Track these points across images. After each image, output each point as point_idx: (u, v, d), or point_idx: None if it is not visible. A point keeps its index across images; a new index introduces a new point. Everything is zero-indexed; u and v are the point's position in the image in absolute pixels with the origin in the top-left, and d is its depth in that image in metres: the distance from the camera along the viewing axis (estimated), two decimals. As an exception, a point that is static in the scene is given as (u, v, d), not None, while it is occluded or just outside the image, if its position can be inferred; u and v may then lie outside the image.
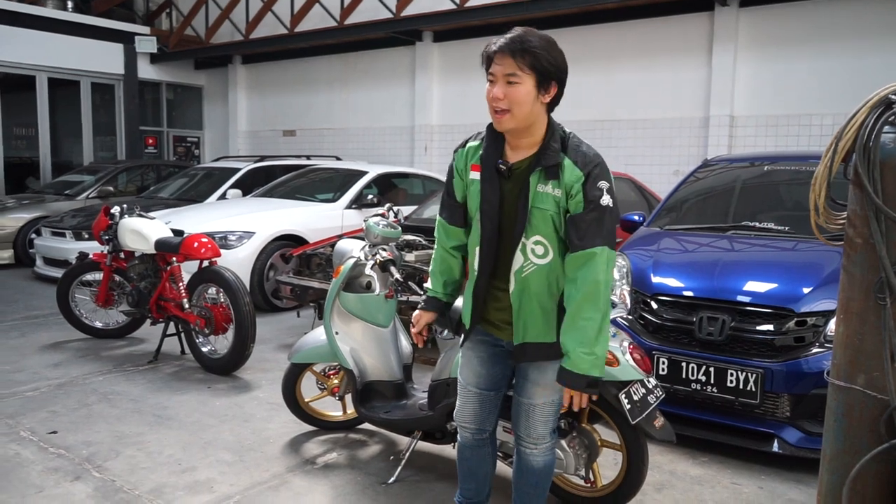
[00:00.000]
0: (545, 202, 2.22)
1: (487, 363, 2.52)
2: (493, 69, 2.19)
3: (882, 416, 2.12)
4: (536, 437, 2.50)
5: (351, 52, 12.78)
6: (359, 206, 7.77)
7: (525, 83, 2.15)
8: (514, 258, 2.29)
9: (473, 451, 2.66)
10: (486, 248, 2.31)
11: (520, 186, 2.26)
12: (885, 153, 2.06)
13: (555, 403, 2.48)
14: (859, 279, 2.16)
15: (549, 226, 2.24)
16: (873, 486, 2.17)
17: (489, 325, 2.47)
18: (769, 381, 3.46)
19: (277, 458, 3.63)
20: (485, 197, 2.29)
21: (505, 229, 2.30)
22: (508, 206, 2.28)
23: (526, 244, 2.27)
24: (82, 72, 13.56)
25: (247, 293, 4.96)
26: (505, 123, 2.20)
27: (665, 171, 9.41)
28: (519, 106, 2.16)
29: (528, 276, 2.28)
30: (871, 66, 7.96)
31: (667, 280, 3.99)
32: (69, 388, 4.69)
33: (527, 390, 2.46)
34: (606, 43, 9.91)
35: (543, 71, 2.16)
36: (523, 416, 2.49)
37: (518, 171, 2.28)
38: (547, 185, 2.22)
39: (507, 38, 2.16)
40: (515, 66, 2.14)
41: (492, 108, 2.19)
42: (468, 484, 2.73)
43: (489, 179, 2.29)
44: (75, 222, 8.39)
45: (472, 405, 2.58)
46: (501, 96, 2.15)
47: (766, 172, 5.11)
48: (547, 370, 2.39)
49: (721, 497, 3.26)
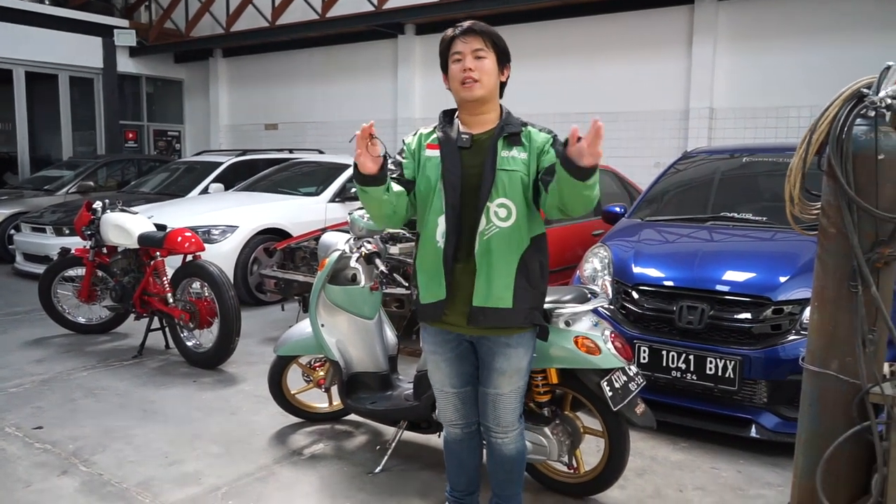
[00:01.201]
0: (512, 164, 2.36)
1: (455, 363, 2.56)
2: (458, 48, 2.37)
3: (854, 400, 2.19)
4: (506, 425, 2.56)
5: (333, 46, 12.75)
6: (342, 199, 7.77)
7: (490, 58, 2.37)
8: (479, 222, 2.36)
9: (463, 444, 2.71)
10: (451, 214, 2.37)
11: (483, 154, 2.38)
12: (857, 145, 2.13)
13: (520, 390, 2.54)
14: (833, 268, 2.23)
15: (516, 186, 2.35)
16: (846, 467, 2.24)
17: (443, 322, 2.48)
18: (747, 367, 3.54)
19: (264, 450, 3.66)
20: (446, 167, 2.39)
21: (467, 195, 2.38)
22: (470, 174, 2.38)
23: (490, 207, 2.35)
24: (60, 65, 13.41)
25: (231, 287, 4.97)
26: (476, 91, 2.34)
27: (646, 163, 9.49)
28: (488, 76, 2.36)
29: (490, 239, 2.36)
30: (848, 59, 8.08)
31: (647, 270, 4.06)
32: (53, 383, 4.68)
33: (493, 380, 2.51)
34: (587, 36, 9.97)
35: (502, 50, 2.42)
36: (490, 406, 2.55)
37: (479, 141, 2.41)
38: (512, 150, 2.38)
39: (468, 23, 2.39)
40: (482, 43, 2.36)
41: (462, 80, 2.34)
42: (459, 477, 2.77)
43: (449, 152, 2.40)
44: (56, 218, 8.32)
45: (453, 403, 2.63)
46: (473, 67, 2.34)
47: (745, 164, 5.19)
48: (511, 357, 2.46)
49: (701, 481, 3.34)
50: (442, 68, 2.46)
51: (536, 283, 2.44)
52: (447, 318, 2.47)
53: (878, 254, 2.13)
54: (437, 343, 2.56)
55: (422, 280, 2.49)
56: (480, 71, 2.33)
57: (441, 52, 2.44)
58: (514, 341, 2.45)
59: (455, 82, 2.37)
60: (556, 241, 5.84)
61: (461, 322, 2.45)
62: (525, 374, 2.53)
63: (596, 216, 6.27)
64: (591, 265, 4.34)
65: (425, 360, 3.22)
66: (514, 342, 2.46)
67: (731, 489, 3.26)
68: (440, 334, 2.54)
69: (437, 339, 2.55)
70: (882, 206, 2.10)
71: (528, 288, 2.40)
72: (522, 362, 2.49)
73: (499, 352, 2.46)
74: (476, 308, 2.38)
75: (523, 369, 2.51)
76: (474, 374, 2.59)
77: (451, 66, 2.39)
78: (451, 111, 2.51)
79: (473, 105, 2.39)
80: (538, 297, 2.47)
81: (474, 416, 2.66)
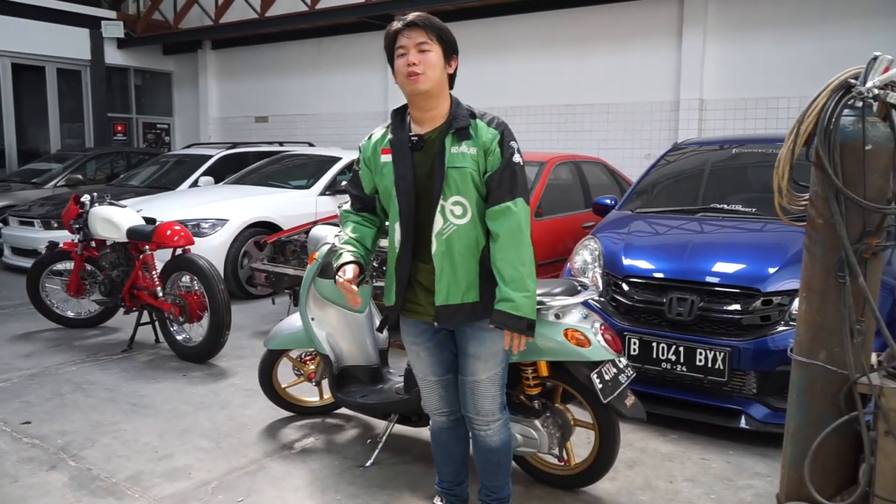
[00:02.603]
0: (462, 161, 2.35)
1: (434, 351, 2.58)
2: (402, 42, 2.34)
3: (842, 391, 2.20)
4: (485, 412, 2.56)
5: (323, 38, 12.68)
6: (333, 192, 7.74)
7: (434, 50, 2.34)
8: (434, 222, 2.36)
9: (449, 433, 2.72)
10: (406, 221, 2.39)
11: (433, 153, 2.37)
12: (844, 136, 2.13)
13: (498, 377, 2.54)
14: (820, 258, 2.23)
15: (468, 183, 2.35)
16: (833, 458, 2.26)
17: (418, 314, 2.51)
18: (737, 359, 3.55)
19: (255, 444, 3.65)
20: (398, 173, 2.39)
21: (422, 197, 2.38)
22: (422, 176, 2.38)
23: (445, 206, 2.35)
24: (47, 57, 13.28)
25: (221, 281, 4.94)
26: (421, 84, 2.32)
27: (637, 154, 9.50)
28: (432, 69, 2.33)
29: (449, 237, 2.36)
30: (836, 50, 8.10)
31: (638, 262, 4.06)
32: (42, 378, 4.65)
33: (468, 367, 2.52)
34: (577, 28, 9.95)
35: (448, 42, 2.38)
36: (469, 394, 2.56)
37: (429, 140, 2.40)
38: (461, 146, 2.36)
39: (411, 17, 2.37)
40: (426, 36, 2.33)
41: (406, 74, 2.32)
42: (446, 468, 2.79)
43: (400, 156, 2.40)
44: (44, 211, 8.25)
45: (437, 392, 2.65)
46: (417, 61, 2.31)
47: (735, 155, 5.19)
48: (485, 341, 2.46)
49: (691, 472, 3.35)
50: (389, 62, 2.44)
51: None
52: (419, 310, 2.51)
53: (866, 244, 2.13)
54: (415, 334, 2.58)
55: (387, 284, 2.55)
56: (425, 64, 2.31)
57: (386, 47, 2.42)
58: (486, 324, 2.45)
59: (400, 76, 2.35)
60: (546, 233, 5.88)
61: (427, 315, 2.48)
62: (501, 361, 2.53)
63: (587, 208, 6.29)
64: (582, 257, 4.34)
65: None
66: (487, 325, 2.45)
67: (720, 480, 3.27)
68: (417, 325, 2.56)
69: (414, 329, 2.57)
70: (869, 197, 2.11)
71: (493, 281, 2.40)
72: (497, 346, 2.48)
73: (473, 336, 2.48)
74: (441, 307, 2.40)
75: (499, 353, 2.50)
76: (455, 361, 2.61)
77: (396, 61, 2.37)
78: (402, 108, 2.50)
79: (420, 99, 2.37)
80: None
81: (459, 404, 2.67)
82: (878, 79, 2.07)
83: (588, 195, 6.57)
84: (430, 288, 2.44)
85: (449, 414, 2.68)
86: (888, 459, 2.09)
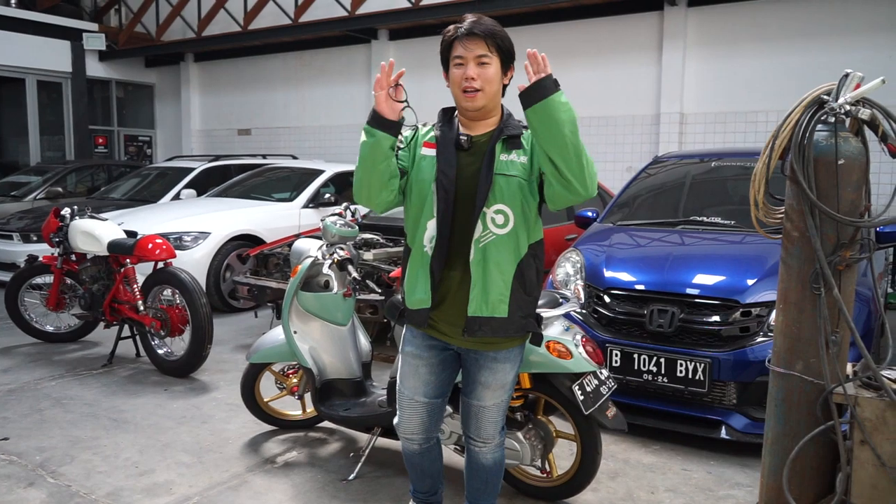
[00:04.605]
0: (511, 169, 2.27)
1: (437, 369, 2.48)
2: (461, 52, 2.24)
3: (818, 400, 2.24)
4: (486, 437, 2.53)
5: (306, 50, 12.70)
6: (316, 205, 7.74)
7: (493, 64, 2.25)
8: (474, 228, 2.27)
9: (423, 456, 2.66)
10: (441, 219, 2.28)
11: (481, 157, 2.29)
12: (818, 150, 2.18)
13: (504, 403, 2.50)
14: (796, 270, 2.27)
15: (514, 192, 2.26)
16: (811, 466, 2.29)
17: (430, 327, 2.42)
18: (716, 370, 3.59)
19: (237, 459, 3.63)
20: (440, 168, 2.28)
21: (462, 200, 2.29)
22: (466, 177, 2.29)
23: (486, 213, 2.26)
24: (27, 69, 13.18)
25: (203, 294, 4.92)
26: (478, 101, 2.25)
27: (618, 167, 9.58)
28: (490, 84, 2.25)
29: (486, 246, 2.26)
30: (814, 64, 8.25)
31: (619, 274, 4.10)
32: (20, 393, 4.59)
33: (476, 393, 2.46)
34: (559, 42, 10.04)
35: (507, 52, 2.28)
36: (473, 417, 2.51)
37: (478, 142, 2.33)
38: (511, 154, 2.29)
39: (471, 23, 2.25)
40: (486, 48, 2.23)
41: (462, 88, 2.24)
42: (423, 482, 2.75)
43: (445, 153, 2.30)
44: (23, 224, 8.16)
45: (419, 416, 2.54)
46: (475, 76, 2.22)
47: (714, 168, 5.26)
48: (497, 372, 2.41)
49: (672, 483, 3.37)
50: (443, 65, 2.34)
51: (532, 290, 2.36)
52: (438, 327, 2.40)
53: (840, 256, 2.17)
54: (422, 347, 2.46)
55: (408, 285, 2.39)
56: (483, 79, 2.22)
57: (442, 52, 2.32)
58: (501, 356, 2.39)
59: (455, 87, 2.27)
60: (529, 245, 5.91)
61: (454, 333, 2.37)
62: (510, 389, 2.48)
63: (569, 221, 6.33)
64: (564, 269, 4.37)
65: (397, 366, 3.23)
66: (502, 357, 2.40)
67: (701, 490, 3.30)
68: (427, 339, 2.45)
69: (422, 342, 2.46)
70: (843, 210, 2.15)
71: (523, 296, 2.33)
72: (508, 377, 2.44)
73: (485, 365, 2.40)
74: (472, 318, 2.29)
75: (508, 384, 2.46)
76: (450, 384, 2.54)
77: (452, 70, 2.27)
78: (450, 109, 2.41)
79: (475, 113, 2.31)
80: (532, 303, 2.40)
81: (435, 432, 2.62)
82: (849, 95, 2.12)
83: (570, 207, 6.61)
84: (456, 298, 2.33)
85: (423, 441, 2.60)
86: (864, 468, 2.13)
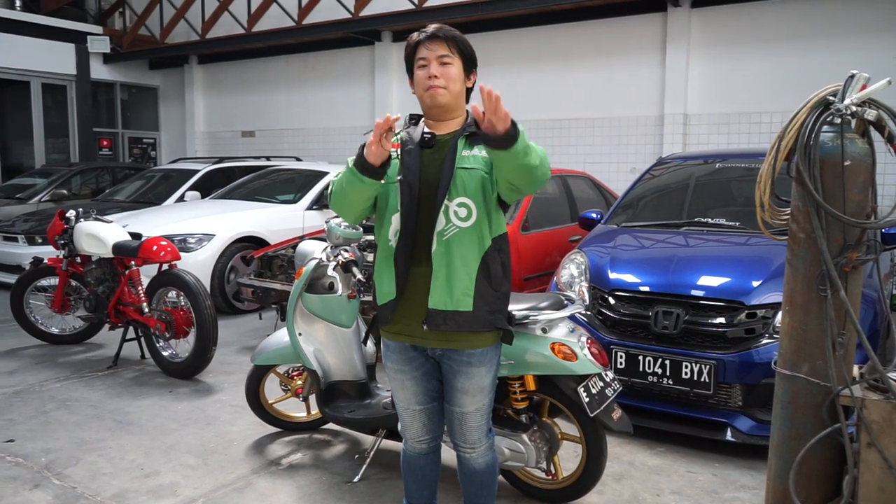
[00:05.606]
0: (472, 162, 2.33)
1: (422, 381, 2.50)
2: (423, 54, 2.35)
3: (825, 403, 2.23)
4: (472, 441, 2.53)
5: (310, 52, 12.70)
6: (320, 207, 7.75)
7: (455, 64, 2.35)
8: (436, 221, 2.31)
9: (427, 458, 2.66)
10: (404, 213, 2.33)
11: (444, 153, 2.36)
12: (824, 151, 2.17)
13: (485, 407, 2.50)
14: (802, 272, 2.26)
15: (476, 186, 2.32)
16: (818, 469, 2.28)
17: (406, 334, 2.41)
18: (722, 372, 3.58)
19: (242, 460, 3.63)
20: (405, 165, 2.35)
21: (425, 195, 2.34)
22: (430, 173, 2.34)
23: (449, 206, 2.30)
24: (32, 72, 13.21)
25: (207, 296, 4.92)
26: (441, 97, 2.34)
27: (622, 168, 9.57)
28: (453, 82, 2.34)
29: (450, 239, 2.30)
30: (817, 66, 8.22)
31: (624, 276, 4.09)
32: (26, 395, 4.60)
33: (456, 399, 2.46)
34: (563, 43, 10.04)
35: (468, 56, 2.40)
36: (456, 423, 2.51)
37: (442, 141, 2.39)
38: (472, 150, 2.35)
39: (433, 28, 2.37)
40: (447, 49, 2.34)
41: (426, 86, 2.33)
42: (421, 492, 2.72)
43: (410, 151, 2.38)
44: (28, 226, 8.19)
45: (420, 421, 2.57)
46: (438, 74, 2.32)
47: (718, 169, 5.25)
48: (473, 376, 2.41)
49: (677, 485, 3.36)
50: (408, 73, 2.45)
51: (498, 285, 2.36)
52: (401, 322, 2.39)
53: (846, 258, 2.17)
54: (402, 361, 2.47)
55: (376, 281, 2.43)
56: (446, 77, 2.32)
57: (406, 57, 2.43)
58: (475, 359, 2.39)
59: (420, 88, 2.36)
60: (533, 247, 5.91)
61: (416, 328, 2.36)
62: (489, 392, 2.48)
63: (573, 222, 6.33)
64: (569, 271, 4.37)
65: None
66: (476, 360, 2.39)
67: (706, 493, 3.29)
68: (405, 351, 2.45)
69: (401, 356, 2.47)
70: (849, 212, 2.14)
71: (489, 290, 2.33)
72: (485, 381, 2.44)
73: (460, 371, 2.40)
74: (432, 310, 2.30)
75: (486, 387, 2.46)
76: (440, 389, 2.54)
77: (416, 72, 2.37)
78: (418, 115, 2.51)
79: (439, 111, 2.38)
80: (500, 299, 2.38)
81: (440, 430, 2.63)
82: (855, 96, 2.11)
83: (574, 209, 6.61)
84: (419, 292, 2.33)
85: (430, 441, 2.62)
86: (871, 471, 2.12)
